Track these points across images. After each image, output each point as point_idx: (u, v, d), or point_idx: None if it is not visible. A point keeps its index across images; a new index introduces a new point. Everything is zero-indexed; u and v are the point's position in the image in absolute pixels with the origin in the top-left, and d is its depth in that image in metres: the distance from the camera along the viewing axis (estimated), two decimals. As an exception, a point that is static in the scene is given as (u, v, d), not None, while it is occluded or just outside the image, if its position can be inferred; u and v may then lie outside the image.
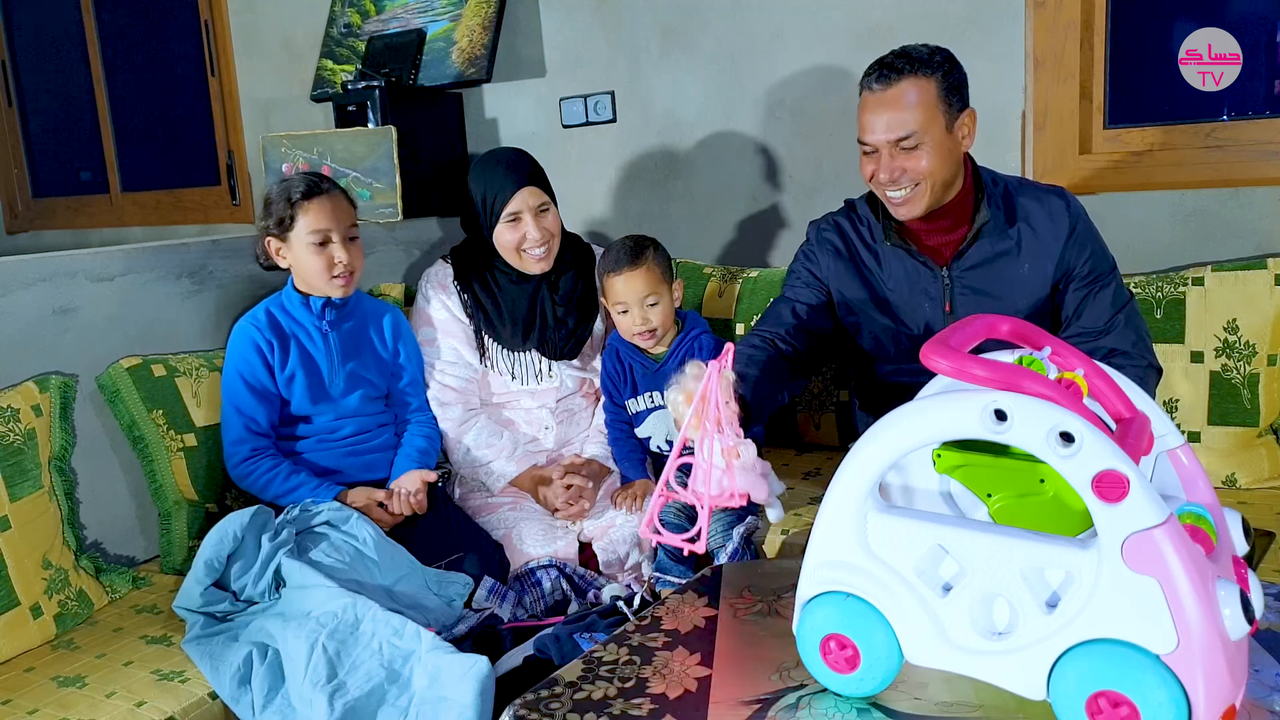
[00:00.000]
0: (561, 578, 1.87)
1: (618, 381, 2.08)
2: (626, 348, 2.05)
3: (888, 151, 1.62)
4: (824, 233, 1.86)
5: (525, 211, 2.02)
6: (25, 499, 1.63)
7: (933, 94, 1.59)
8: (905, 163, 1.61)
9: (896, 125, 1.59)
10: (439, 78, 2.82)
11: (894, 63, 1.61)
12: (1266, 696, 0.95)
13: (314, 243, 1.84)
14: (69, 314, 1.90)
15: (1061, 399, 0.87)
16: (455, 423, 2.06)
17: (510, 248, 2.04)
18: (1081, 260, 1.69)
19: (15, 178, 4.38)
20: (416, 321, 2.12)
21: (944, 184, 1.65)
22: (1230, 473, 1.92)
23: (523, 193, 2.01)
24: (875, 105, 1.62)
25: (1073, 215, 1.70)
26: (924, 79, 1.59)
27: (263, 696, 1.47)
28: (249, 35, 3.43)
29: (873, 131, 1.63)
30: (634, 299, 1.95)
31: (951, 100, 1.62)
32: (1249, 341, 1.89)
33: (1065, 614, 0.89)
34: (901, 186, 1.64)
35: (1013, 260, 1.70)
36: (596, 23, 2.74)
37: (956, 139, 1.64)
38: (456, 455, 2.09)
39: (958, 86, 1.63)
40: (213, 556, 1.61)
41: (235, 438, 1.86)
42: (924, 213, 1.67)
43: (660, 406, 2.03)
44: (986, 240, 1.70)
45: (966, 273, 1.72)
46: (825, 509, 1.01)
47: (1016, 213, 1.71)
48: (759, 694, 1.03)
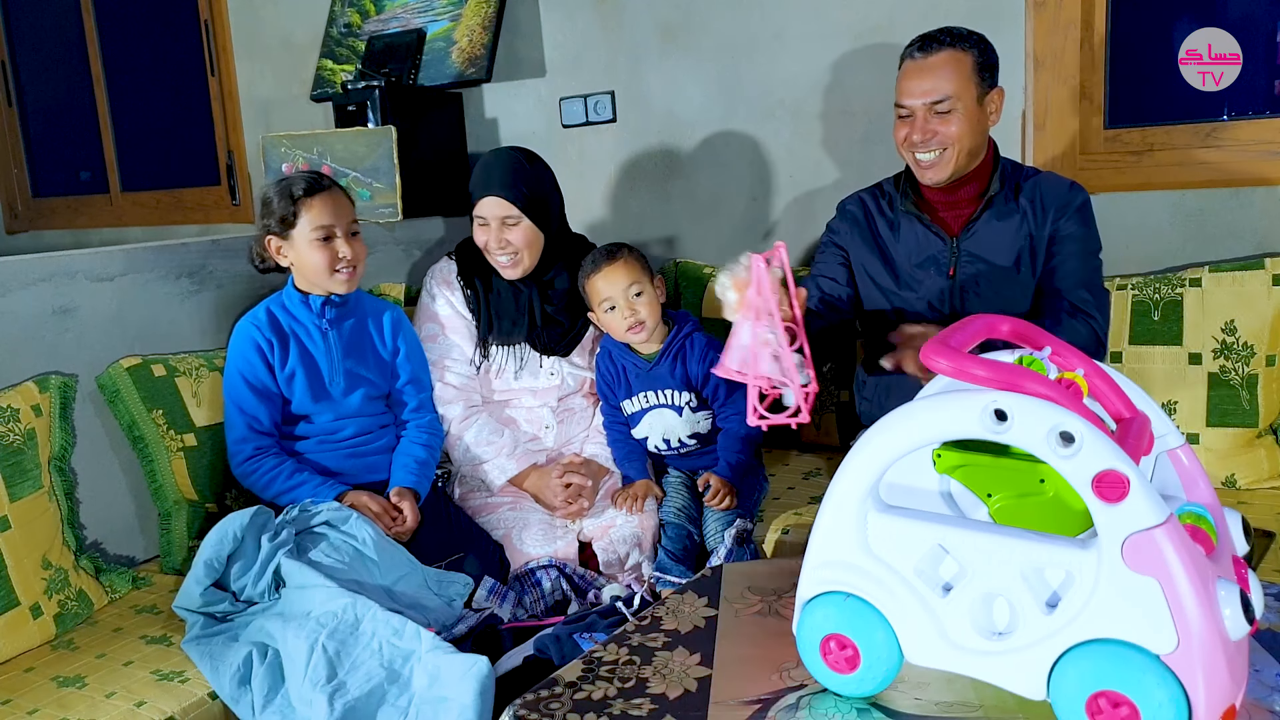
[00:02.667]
0: (561, 578, 1.87)
1: (612, 383, 2.07)
2: (619, 349, 2.05)
3: (923, 114, 1.75)
4: (847, 205, 1.99)
5: (491, 220, 2.02)
6: (25, 499, 1.63)
7: (968, 65, 1.74)
8: (938, 126, 1.74)
9: (934, 90, 1.74)
10: (439, 78, 2.82)
11: (936, 35, 1.76)
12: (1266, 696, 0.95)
13: (317, 239, 1.84)
14: (69, 314, 1.90)
15: (1062, 399, 0.87)
16: (456, 420, 2.06)
17: (481, 248, 2.07)
18: (1071, 232, 1.78)
19: (15, 178, 4.38)
20: (420, 318, 2.12)
21: (969, 152, 1.77)
22: (1230, 473, 1.92)
23: (487, 200, 2.01)
24: (916, 71, 1.76)
25: (1078, 197, 1.80)
26: (962, 52, 1.74)
27: (263, 696, 1.47)
28: (249, 35, 3.43)
29: (911, 95, 1.76)
30: (618, 291, 1.95)
31: (984, 75, 1.76)
32: (1247, 342, 1.89)
33: (1065, 614, 0.89)
34: (931, 149, 1.76)
35: (1014, 231, 1.80)
36: (596, 23, 2.74)
37: (985, 112, 1.78)
38: (456, 453, 2.09)
39: (991, 65, 1.78)
40: (212, 556, 1.61)
41: (238, 437, 1.86)
42: (948, 178, 1.79)
43: (655, 406, 2.03)
44: (993, 211, 1.82)
45: (971, 240, 1.82)
46: (825, 509, 1.01)
47: (1024, 190, 1.81)
48: (759, 694, 1.03)
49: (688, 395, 2.01)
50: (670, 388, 2.01)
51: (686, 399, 2.01)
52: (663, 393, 2.02)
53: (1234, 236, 2.06)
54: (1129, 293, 2.00)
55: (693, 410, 2.02)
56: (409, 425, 2.02)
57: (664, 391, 2.02)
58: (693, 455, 2.08)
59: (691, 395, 2.01)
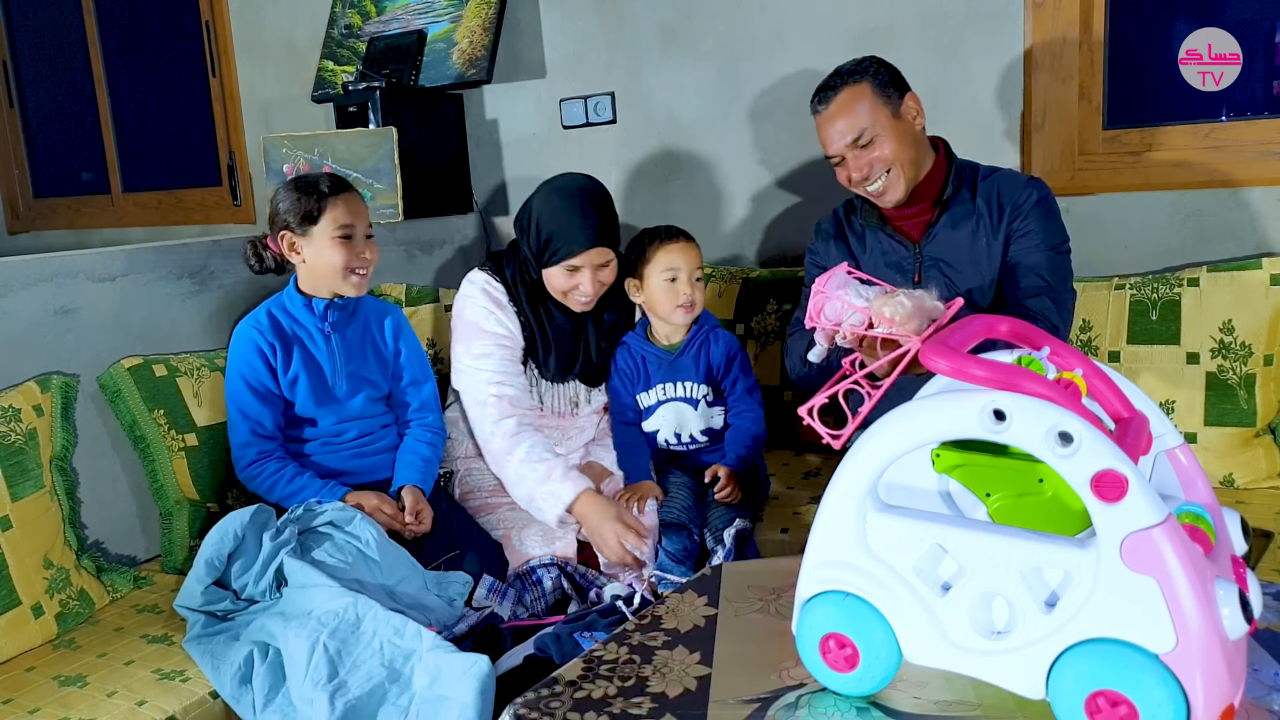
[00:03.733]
0: (562, 576, 1.87)
1: (630, 376, 2.09)
2: (639, 341, 2.07)
3: (851, 154, 1.80)
4: (822, 225, 2.02)
5: (586, 268, 1.94)
6: (27, 499, 1.64)
7: (868, 93, 1.78)
8: (869, 156, 1.79)
9: (847, 129, 1.78)
10: (439, 79, 2.83)
11: (828, 82, 1.82)
12: (1265, 696, 0.95)
13: (339, 236, 1.84)
14: (70, 314, 1.91)
15: (1060, 399, 0.87)
16: (508, 435, 1.95)
17: (559, 289, 1.98)
18: (1029, 229, 1.79)
19: (16, 178, 4.39)
20: (465, 332, 2.01)
21: (912, 163, 1.80)
22: (1228, 473, 1.92)
23: (591, 252, 1.92)
24: (825, 121, 1.82)
25: (1038, 192, 1.81)
26: (856, 85, 1.79)
27: (264, 696, 1.47)
28: (250, 36, 3.44)
29: (832, 143, 1.82)
30: (686, 268, 1.99)
31: (888, 93, 1.79)
32: (1245, 342, 1.90)
33: (1064, 613, 0.89)
34: (875, 179, 1.80)
35: (973, 232, 1.82)
36: (596, 23, 2.74)
37: (907, 120, 1.80)
38: (505, 474, 1.97)
39: (891, 80, 1.80)
40: (213, 555, 1.62)
41: (241, 441, 1.86)
42: (906, 194, 1.81)
43: (671, 399, 2.05)
44: (950, 215, 1.84)
45: (932, 245, 1.84)
46: (825, 509, 1.01)
47: (980, 190, 1.84)
48: (759, 693, 1.03)
49: (705, 388, 2.04)
50: (690, 379, 2.04)
51: (704, 392, 2.04)
52: (681, 385, 2.05)
53: (1232, 236, 2.06)
54: (1127, 292, 2.01)
55: (708, 405, 2.05)
56: (412, 425, 2.02)
57: (682, 384, 2.05)
58: (700, 453, 2.09)
59: (709, 389, 2.05)
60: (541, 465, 1.92)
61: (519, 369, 2.03)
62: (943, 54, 2.30)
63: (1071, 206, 2.19)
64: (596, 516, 1.88)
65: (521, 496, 1.96)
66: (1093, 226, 2.18)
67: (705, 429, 2.07)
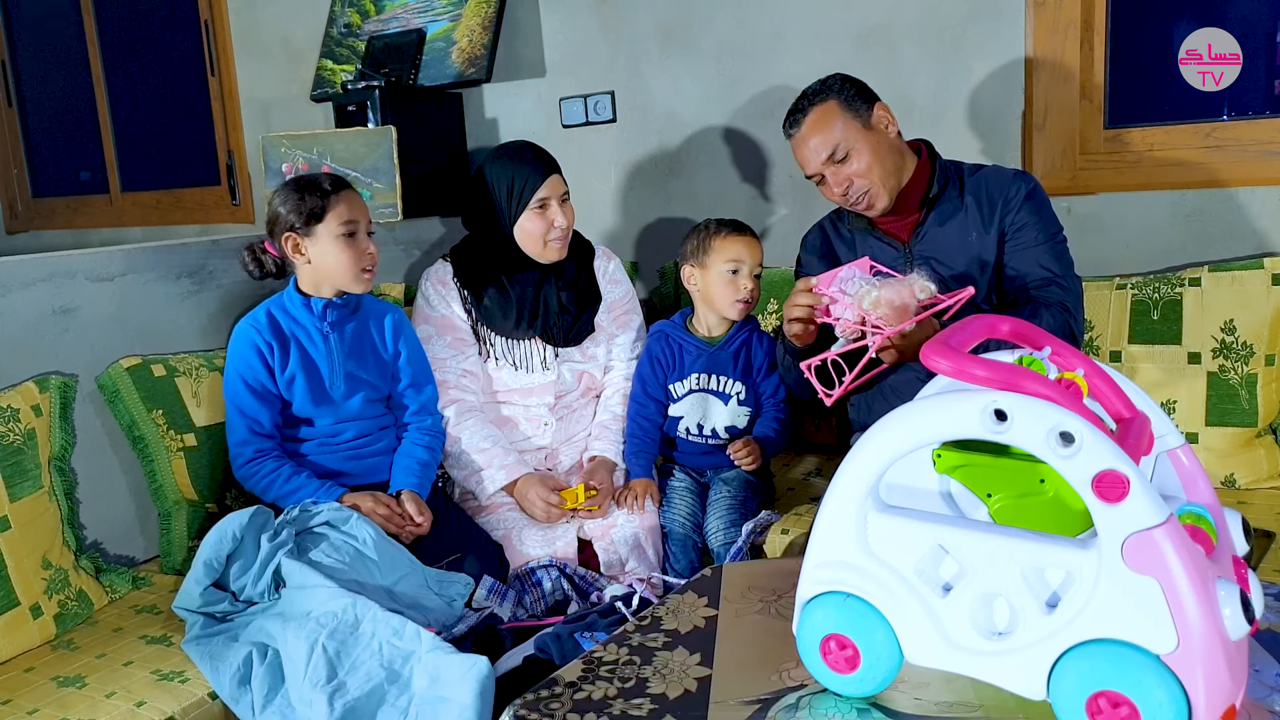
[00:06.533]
0: (562, 577, 1.87)
1: (662, 364, 2.10)
2: (678, 330, 2.10)
3: (829, 171, 1.81)
4: (809, 237, 2.02)
5: (553, 198, 2.05)
6: (25, 499, 1.63)
7: (836, 110, 1.80)
8: (847, 171, 1.80)
9: (821, 147, 1.80)
10: (439, 78, 2.82)
11: (797, 105, 1.84)
12: (1266, 696, 0.95)
13: (344, 234, 1.83)
14: (69, 314, 1.90)
15: (1061, 399, 0.87)
16: (450, 422, 2.06)
17: (537, 235, 2.06)
18: (1025, 222, 1.79)
19: (15, 178, 4.38)
20: (415, 320, 2.12)
21: (892, 171, 1.82)
22: (1229, 473, 1.92)
23: (551, 179, 2.05)
24: (799, 144, 1.84)
25: (1026, 185, 1.82)
26: (824, 104, 1.81)
27: (262, 697, 1.47)
28: (249, 35, 3.43)
29: (808, 164, 1.83)
30: (750, 262, 2.02)
31: (857, 106, 1.81)
32: (1246, 342, 1.89)
33: (1065, 614, 0.89)
34: (856, 193, 1.81)
35: (963, 228, 1.83)
36: (596, 23, 2.74)
37: (880, 130, 1.82)
38: (450, 454, 2.08)
39: (857, 93, 1.83)
40: (212, 556, 1.61)
41: (239, 440, 1.85)
42: (890, 202, 1.82)
43: (703, 390, 2.07)
44: (937, 214, 1.85)
45: (923, 245, 1.85)
46: (825, 509, 1.01)
47: (967, 185, 1.84)
48: (759, 694, 1.03)
49: (740, 386, 2.06)
50: (727, 375, 2.07)
51: (738, 390, 2.06)
52: (716, 378, 2.07)
53: (1233, 236, 2.06)
54: (1128, 292, 2.00)
55: (739, 403, 2.07)
56: (410, 428, 2.01)
57: (718, 377, 2.07)
58: (712, 453, 2.09)
59: (744, 388, 2.06)
60: (482, 454, 2.04)
61: (461, 353, 2.09)
62: (943, 53, 2.30)
63: (1072, 206, 2.19)
64: (524, 486, 2.02)
65: (458, 478, 2.10)
66: (1094, 226, 2.18)
67: (729, 425, 2.08)
